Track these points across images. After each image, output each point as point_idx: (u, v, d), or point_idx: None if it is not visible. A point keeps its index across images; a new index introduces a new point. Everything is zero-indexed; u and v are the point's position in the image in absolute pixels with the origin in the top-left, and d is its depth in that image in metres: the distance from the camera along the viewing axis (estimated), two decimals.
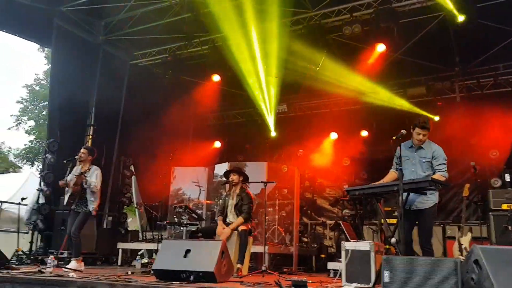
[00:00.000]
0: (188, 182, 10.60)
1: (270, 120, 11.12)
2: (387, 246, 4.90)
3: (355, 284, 4.70)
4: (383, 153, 9.90)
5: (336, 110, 11.43)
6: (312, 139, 11.63)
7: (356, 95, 10.94)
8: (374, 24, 8.00)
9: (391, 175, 5.45)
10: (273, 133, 11.47)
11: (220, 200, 7.80)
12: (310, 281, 4.63)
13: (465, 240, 7.37)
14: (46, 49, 22.26)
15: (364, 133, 11.09)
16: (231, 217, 6.84)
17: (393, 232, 4.90)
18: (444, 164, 5.14)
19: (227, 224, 6.71)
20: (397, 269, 3.56)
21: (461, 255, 7.16)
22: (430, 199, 5.06)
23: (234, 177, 6.95)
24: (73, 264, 6.47)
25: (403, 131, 5.22)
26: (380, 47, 8.52)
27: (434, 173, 5.08)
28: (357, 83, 9.74)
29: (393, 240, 4.80)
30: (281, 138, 12.10)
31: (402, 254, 4.54)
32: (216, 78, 10.33)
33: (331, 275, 6.79)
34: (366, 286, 4.63)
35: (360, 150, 11.10)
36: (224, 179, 7.38)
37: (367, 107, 11.10)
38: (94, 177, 6.77)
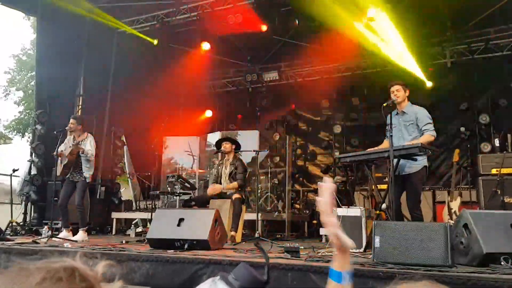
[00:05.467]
0: (180, 151, 10.61)
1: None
2: (378, 212, 4.97)
3: None
4: (374, 120, 10.02)
5: (327, 77, 11.34)
6: (303, 106, 11.60)
7: (346, 62, 10.88)
8: None
9: (384, 143, 5.49)
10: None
11: (214, 170, 7.83)
12: (303, 247, 4.70)
13: (455, 204, 7.49)
14: (31, 17, 21.71)
15: (355, 100, 11.06)
16: (225, 185, 6.87)
17: (384, 198, 4.97)
18: (430, 123, 5.16)
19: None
20: (388, 234, 3.59)
21: (451, 219, 7.29)
22: (418, 162, 5.09)
23: (226, 146, 6.96)
24: (80, 234, 6.47)
25: (394, 98, 5.28)
26: (370, 12, 8.40)
27: (422, 135, 5.13)
28: (347, 49, 9.62)
29: (383, 205, 4.88)
30: (273, 106, 12.08)
31: (393, 219, 4.62)
32: (206, 46, 10.17)
33: (323, 240, 6.90)
34: (357, 251, 4.72)
35: (351, 117, 11.13)
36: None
37: (358, 74, 11.04)
38: (89, 145, 6.73)
